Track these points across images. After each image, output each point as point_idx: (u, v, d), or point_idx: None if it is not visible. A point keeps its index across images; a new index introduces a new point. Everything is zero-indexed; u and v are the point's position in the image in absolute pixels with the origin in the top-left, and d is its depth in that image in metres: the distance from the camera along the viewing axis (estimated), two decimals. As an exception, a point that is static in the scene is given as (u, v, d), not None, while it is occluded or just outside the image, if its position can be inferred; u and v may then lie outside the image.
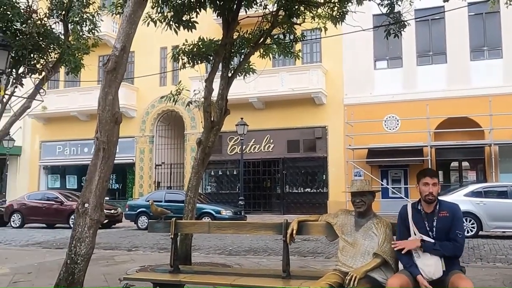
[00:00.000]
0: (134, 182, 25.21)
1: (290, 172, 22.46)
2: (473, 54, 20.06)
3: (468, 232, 12.39)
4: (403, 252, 3.60)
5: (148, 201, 13.91)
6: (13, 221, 18.74)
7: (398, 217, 3.90)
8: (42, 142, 27.07)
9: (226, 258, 9.33)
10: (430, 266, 3.57)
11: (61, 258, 9.49)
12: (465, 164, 21.29)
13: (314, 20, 8.92)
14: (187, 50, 7.36)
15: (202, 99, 7.32)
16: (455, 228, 3.65)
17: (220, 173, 23.88)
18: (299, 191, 22.16)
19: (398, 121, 20.52)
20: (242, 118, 19.73)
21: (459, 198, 12.53)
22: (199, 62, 7.45)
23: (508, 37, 19.22)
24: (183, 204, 16.34)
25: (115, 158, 5.02)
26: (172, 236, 4.73)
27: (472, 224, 12.56)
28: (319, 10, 8.71)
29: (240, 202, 18.71)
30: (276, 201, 22.93)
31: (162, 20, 6.98)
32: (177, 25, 6.82)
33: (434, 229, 3.69)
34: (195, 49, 7.29)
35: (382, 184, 20.22)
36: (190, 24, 6.87)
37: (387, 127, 20.71)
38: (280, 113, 21.88)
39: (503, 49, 19.47)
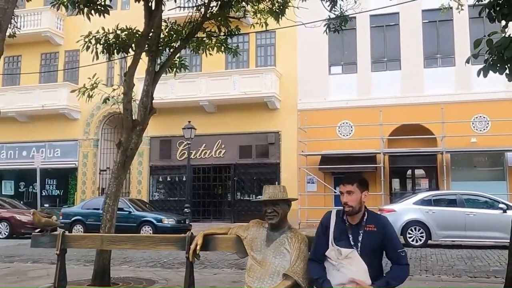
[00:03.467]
0: (76, 188, 23.81)
1: (241, 178, 21.73)
2: (427, 62, 19.99)
3: (416, 241, 12.00)
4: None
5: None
6: None
7: (319, 225, 3.26)
8: (-24, 144, 25.27)
9: (156, 272, 8.47)
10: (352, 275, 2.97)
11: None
12: (419, 172, 21.20)
13: (256, 15, 8.34)
14: (101, 38, 6.50)
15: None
16: (393, 247, 3.13)
17: (168, 179, 22.89)
18: (251, 198, 21.42)
19: (352, 127, 20.18)
20: (189, 122, 18.89)
21: (408, 206, 12.18)
22: (115, 53, 6.61)
23: (460, 45, 19.21)
24: (123, 212, 15.66)
25: (57, 163, 4.16)
26: (58, 252, 3.89)
27: (421, 233, 12.16)
28: (261, 6, 8.13)
29: (185, 210, 17.80)
30: (227, 208, 22.14)
31: (72, 4, 6.09)
32: (87, 9, 5.95)
33: (359, 244, 3.08)
34: (112, 38, 6.45)
35: (335, 192, 19.77)
36: (102, 8, 6.02)
37: (340, 133, 20.34)
38: (232, 117, 21.18)
39: (456, 57, 19.44)
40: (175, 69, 7.46)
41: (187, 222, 16.52)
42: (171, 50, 7.06)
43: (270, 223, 3.28)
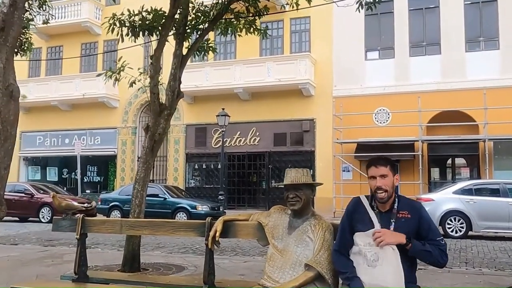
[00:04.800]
0: (115, 175, 24.29)
1: (276, 166, 21.56)
2: (469, 45, 19.13)
3: (456, 232, 11.55)
4: (380, 244, 2.68)
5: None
6: (-17, 214, 17.79)
7: (344, 213, 3.03)
8: (22, 132, 26.04)
9: (186, 258, 8.46)
10: (385, 281, 2.65)
11: (6, 256, 8.82)
12: (460, 161, 20.44)
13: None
14: (126, 20, 6.41)
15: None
16: (431, 235, 2.78)
17: (204, 166, 22.98)
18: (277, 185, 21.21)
19: (389, 114, 19.62)
20: (223, 109, 18.81)
21: (448, 196, 11.72)
22: (141, 35, 6.50)
23: (505, 28, 18.30)
24: (158, 199, 15.82)
25: (97, 150, 4.16)
26: (78, 236, 3.84)
27: (461, 223, 11.69)
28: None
29: (220, 197, 17.80)
30: (262, 196, 22.04)
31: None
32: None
33: None
34: (138, 20, 6.35)
35: (371, 180, 19.33)
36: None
37: (377, 121, 19.81)
38: (267, 104, 20.97)
39: (500, 40, 18.53)
40: (203, 52, 7.31)
41: (221, 209, 16.53)
42: (199, 32, 6.91)
43: (292, 210, 3.08)
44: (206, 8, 6.83)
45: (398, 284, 2.62)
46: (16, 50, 8.49)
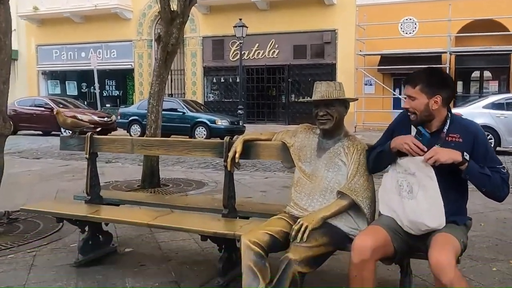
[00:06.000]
0: (134, 89, 24.07)
1: (296, 80, 21.00)
2: None
3: (483, 148, 11.15)
4: (434, 163, 2.25)
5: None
6: (5, 128, 17.93)
7: (393, 121, 2.64)
8: (38, 46, 25.67)
9: (207, 173, 8.34)
10: (420, 215, 2.27)
11: (27, 171, 8.85)
12: (487, 74, 19.55)
13: None
14: None
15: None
16: (489, 162, 2.32)
17: (222, 80, 22.54)
18: (305, 100, 20.77)
19: (415, 24, 18.56)
20: (240, 19, 17.95)
21: (477, 110, 11.20)
22: None
23: None
24: (177, 113, 15.59)
25: (114, 64, 3.81)
26: (88, 155, 3.58)
27: (490, 139, 11.25)
28: None
29: (239, 111, 17.51)
30: (281, 110, 21.74)
31: None
32: None
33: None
34: None
35: (394, 94, 18.83)
36: None
37: (403, 31, 18.82)
38: (286, 14, 19.98)
39: None
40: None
41: (240, 124, 16.30)
42: None
43: (322, 129, 2.69)
44: None
45: (436, 219, 2.27)
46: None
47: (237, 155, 2.97)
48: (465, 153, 2.27)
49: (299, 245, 2.32)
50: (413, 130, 2.44)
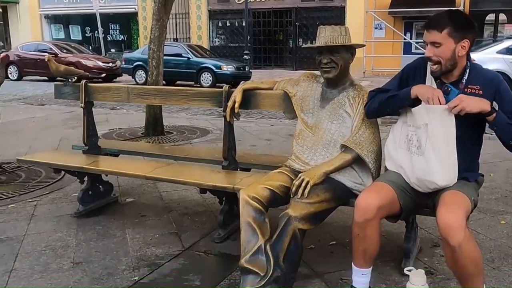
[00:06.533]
0: (138, 33, 23.57)
1: (304, 23, 20.38)
2: None
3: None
4: (461, 113, 2.04)
5: (47, 60, 12.50)
6: (10, 73, 17.78)
7: (407, 67, 2.38)
8: (39, -13, 25.02)
9: (211, 121, 8.23)
10: (429, 172, 2.10)
11: (32, 118, 8.78)
12: (502, 17, 18.83)
13: None
14: None
15: None
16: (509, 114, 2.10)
17: (228, 24, 21.97)
18: (313, 44, 20.27)
19: (430, -37, 17.69)
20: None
21: (491, 56, 10.82)
22: None
23: None
24: (182, 58, 15.28)
25: (117, 7, 3.58)
26: (83, 105, 3.45)
27: (502, 85, 10.94)
28: None
29: (245, 56, 17.13)
30: (289, 55, 21.27)
31: None
32: None
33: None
34: None
35: (405, 38, 18.29)
36: None
37: (416, -29, 17.99)
38: (295, -46, 19.15)
39: None
40: None
41: (246, 69, 15.96)
42: None
43: (326, 78, 2.51)
44: None
45: (447, 177, 2.11)
46: None
47: (236, 105, 2.84)
48: (494, 103, 2.07)
49: (299, 201, 2.22)
50: (428, 78, 2.24)
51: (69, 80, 3.54)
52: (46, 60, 3.46)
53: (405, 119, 2.27)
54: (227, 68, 15.04)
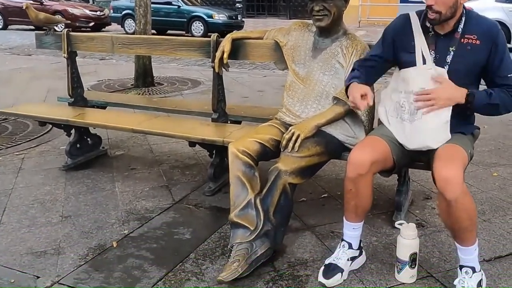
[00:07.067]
0: (127, -21, 22.74)
1: (298, -31, 19.79)
2: None
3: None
4: (426, 110, 2.01)
5: (26, 7, 12.03)
6: (-5, 22, 17.24)
7: (383, 33, 2.27)
8: None
9: (203, 71, 8.07)
10: (424, 139, 2.06)
11: (18, 68, 8.57)
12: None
13: None
14: None
15: None
16: (501, 70, 2.03)
17: (220, -30, 21.24)
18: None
19: None
20: None
21: (489, 4, 10.54)
22: None
23: None
24: (172, 7, 14.85)
25: None
26: (66, 55, 3.32)
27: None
28: None
29: (237, 4, 16.66)
30: (282, 3, 20.74)
31: None
32: None
33: (448, 65, 2.05)
34: None
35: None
36: None
37: None
38: None
39: None
40: None
41: (239, 18, 15.56)
42: None
43: (318, 26, 2.40)
44: None
45: (440, 138, 2.05)
46: None
47: (225, 55, 2.73)
48: (469, 90, 2.00)
49: (290, 155, 2.16)
50: (417, 36, 2.12)
51: (51, 29, 3.38)
52: (24, 7, 3.29)
53: (395, 86, 2.18)
54: (219, 16, 14.65)
